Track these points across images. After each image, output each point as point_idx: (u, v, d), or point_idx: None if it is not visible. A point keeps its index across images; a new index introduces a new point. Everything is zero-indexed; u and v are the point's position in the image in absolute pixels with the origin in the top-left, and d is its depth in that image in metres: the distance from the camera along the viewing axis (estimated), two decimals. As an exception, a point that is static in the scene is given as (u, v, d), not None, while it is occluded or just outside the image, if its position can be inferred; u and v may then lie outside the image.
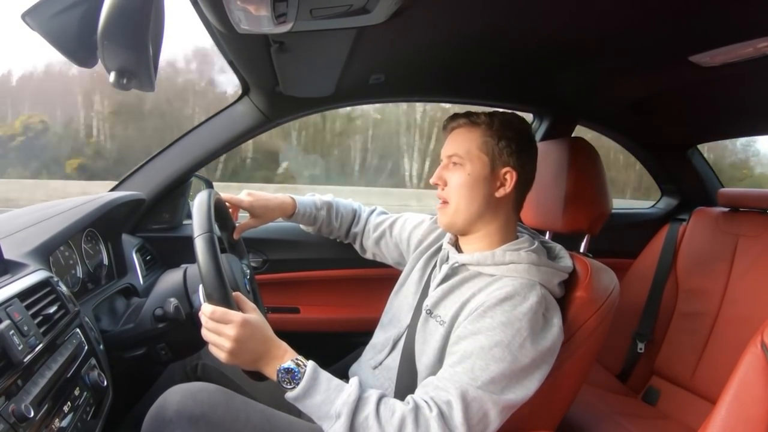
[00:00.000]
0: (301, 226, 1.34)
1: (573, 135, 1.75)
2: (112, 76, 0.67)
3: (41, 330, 0.75)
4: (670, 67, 1.20)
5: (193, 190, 1.61)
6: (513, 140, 0.96)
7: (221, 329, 0.79)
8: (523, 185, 0.99)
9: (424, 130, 8.11)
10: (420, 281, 1.08)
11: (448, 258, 1.02)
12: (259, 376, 0.83)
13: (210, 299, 0.81)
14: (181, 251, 1.47)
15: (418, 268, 1.11)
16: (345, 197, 1.38)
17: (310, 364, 0.81)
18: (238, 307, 0.83)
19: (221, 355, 0.80)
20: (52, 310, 0.79)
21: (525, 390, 0.83)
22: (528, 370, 0.83)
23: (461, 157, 0.96)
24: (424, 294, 1.03)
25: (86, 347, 0.86)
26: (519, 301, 0.86)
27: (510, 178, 0.95)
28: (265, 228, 1.33)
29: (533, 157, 1.00)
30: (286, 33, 0.79)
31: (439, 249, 1.09)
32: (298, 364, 0.80)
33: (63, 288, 0.87)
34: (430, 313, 0.96)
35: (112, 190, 1.49)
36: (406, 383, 0.95)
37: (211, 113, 1.52)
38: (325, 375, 0.81)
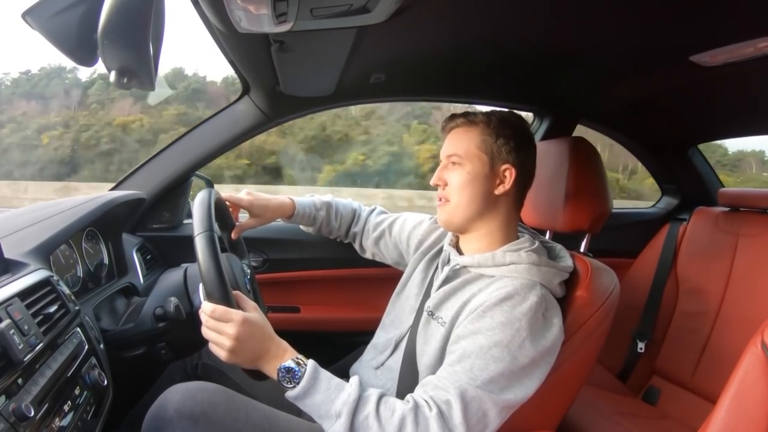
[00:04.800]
0: (301, 226, 1.34)
1: (573, 134, 1.75)
2: (112, 76, 0.67)
3: (41, 329, 0.75)
4: (670, 66, 1.20)
5: (194, 190, 1.61)
6: (511, 138, 0.96)
7: (221, 327, 0.79)
8: (523, 182, 0.99)
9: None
10: (422, 283, 1.08)
11: (449, 260, 1.02)
12: (259, 375, 0.83)
13: (210, 297, 0.81)
14: (181, 250, 1.48)
15: (420, 270, 1.11)
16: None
17: (311, 363, 0.81)
18: (238, 306, 0.83)
19: (221, 354, 0.80)
20: (52, 309, 0.79)
21: (525, 390, 0.83)
22: (527, 370, 0.83)
23: (460, 157, 0.96)
24: (427, 295, 1.03)
25: (86, 346, 0.86)
26: (519, 301, 0.86)
27: (509, 175, 0.95)
28: (265, 227, 1.33)
29: (532, 155, 1.00)
30: (286, 32, 0.79)
31: (441, 251, 1.09)
32: (298, 363, 0.80)
33: (63, 287, 0.87)
34: (431, 314, 0.96)
35: (113, 189, 1.49)
36: (407, 384, 0.95)
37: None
38: (325, 374, 0.81)
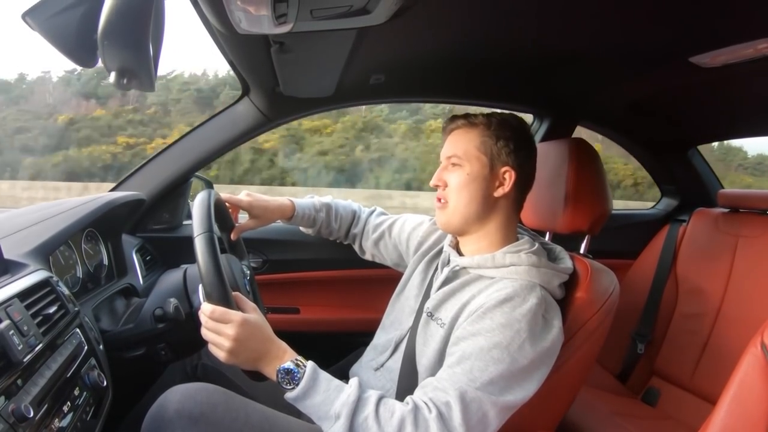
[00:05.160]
0: (301, 228, 1.34)
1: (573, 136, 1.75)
2: (112, 76, 0.67)
3: (41, 330, 0.75)
4: (670, 67, 1.20)
5: (193, 191, 1.61)
6: (511, 140, 0.96)
7: (221, 328, 0.79)
8: (523, 184, 0.99)
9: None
10: (422, 284, 1.08)
11: (449, 261, 1.02)
12: (258, 376, 0.83)
13: (209, 298, 0.81)
14: (181, 251, 1.48)
15: (419, 271, 1.10)
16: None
17: (310, 365, 0.81)
18: (237, 307, 0.83)
19: (221, 355, 0.80)
20: (51, 310, 0.79)
21: (524, 391, 0.83)
22: (527, 371, 0.83)
23: (460, 158, 0.97)
24: (426, 296, 1.03)
25: (86, 347, 0.86)
26: (518, 302, 0.85)
27: (509, 177, 0.96)
28: (265, 228, 1.33)
29: (532, 157, 1.00)
30: (286, 33, 0.79)
31: (440, 252, 1.09)
32: (297, 365, 0.80)
33: (63, 288, 0.87)
34: (431, 315, 0.96)
35: (113, 190, 1.49)
36: (407, 385, 0.95)
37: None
38: (324, 375, 0.81)
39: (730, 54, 1.06)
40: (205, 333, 0.81)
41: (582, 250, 1.30)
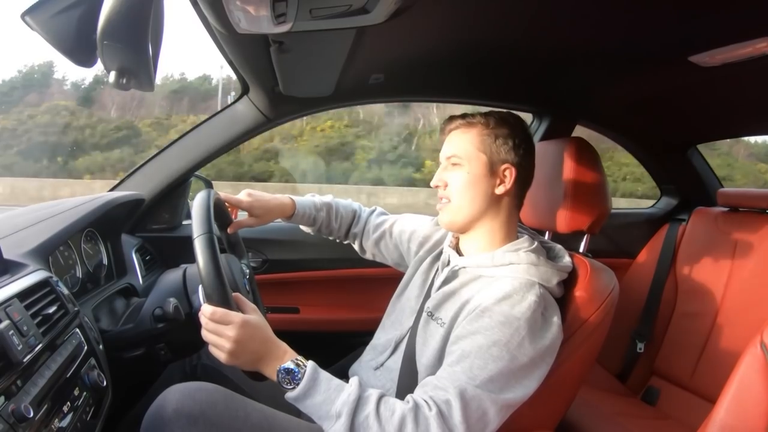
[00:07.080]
0: (301, 226, 1.34)
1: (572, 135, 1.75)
2: (111, 76, 0.67)
3: (41, 330, 0.75)
4: (669, 67, 1.20)
5: (193, 190, 1.61)
6: (510, 137, 0.96)
7: (221, 330, 0.79)
8: (523, 181, 0.99)
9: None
10: (423, 285, 1.08)
11: (449, 261, 1.02)
12: (259, 377, 0.83)
13: (210, 300, 0.81)
14: (180, 251, 1.47)
15: (421, 272, 1.11)
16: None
17: (310, 365, 0.81)
18: (237, 308, 0.83)
19: (221, 356, 0.80)
20: (51, 310, 0.79)
21: (524, 389, 0.83)
22: (527, 369, 0.83)
23: (460, 158, 0.97)
24: (427, 296, 1.03)
25: (86, 347, 0.86)
26: (517, 300, 0.86)
27: (509, 174, 0.96)
28: (264, 228, 1.33)
29: (531, 154, 1.00)
30: (285, 33, 0.79)
31: (441, 252, 1.09)
32: (298, 365, 0.80)
33: (62, 288, 0.87)
34: (431, 315, 0.96)
35: (112, 189, 1.49)
36: (407, 385, 0.95)
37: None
38: (325, 375, 0.81)
39: (729, 53, 1.06)
40: (205, 335, 0.81)
41: (581, 250, 1.30)
